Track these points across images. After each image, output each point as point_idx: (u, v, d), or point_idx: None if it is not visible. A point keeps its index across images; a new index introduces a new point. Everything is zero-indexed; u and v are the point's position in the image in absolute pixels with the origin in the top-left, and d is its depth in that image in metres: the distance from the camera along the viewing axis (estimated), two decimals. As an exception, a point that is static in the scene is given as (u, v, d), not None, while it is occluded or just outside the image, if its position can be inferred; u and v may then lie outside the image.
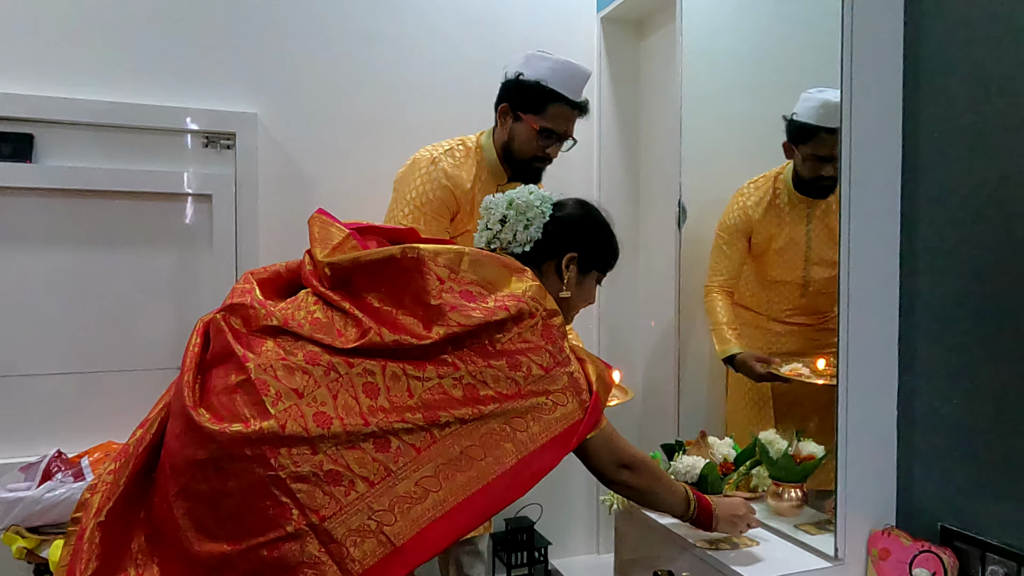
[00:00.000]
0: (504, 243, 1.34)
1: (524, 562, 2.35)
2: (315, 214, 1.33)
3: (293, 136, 2.21)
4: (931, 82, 1.38)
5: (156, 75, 2.07)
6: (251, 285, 1.22)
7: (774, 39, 1.92)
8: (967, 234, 1.32)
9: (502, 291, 1.21)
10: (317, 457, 1.04)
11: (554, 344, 1.20)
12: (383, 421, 1.08)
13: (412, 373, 1.11)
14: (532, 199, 1.34)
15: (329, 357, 1.11)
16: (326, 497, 1.04)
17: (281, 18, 2.18)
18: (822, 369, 1.65)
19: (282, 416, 1.04)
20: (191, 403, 1.09)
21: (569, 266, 1.34)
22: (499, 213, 1.34)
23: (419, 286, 1.16)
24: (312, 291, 1.22)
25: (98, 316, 2.02)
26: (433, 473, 1.09)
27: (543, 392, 1.17)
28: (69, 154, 1.99)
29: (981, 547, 1.27)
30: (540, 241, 1.33)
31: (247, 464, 1.03)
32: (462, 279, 1.19)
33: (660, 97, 2.44)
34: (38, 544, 1.61)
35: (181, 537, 1.06)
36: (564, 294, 1.34)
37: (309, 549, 1.03)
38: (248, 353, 1.11)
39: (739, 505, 1.45)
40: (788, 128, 1.72)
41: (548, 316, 1.21)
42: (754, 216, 1.85)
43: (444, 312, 1.14)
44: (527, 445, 1.15)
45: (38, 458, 1.79)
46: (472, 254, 1.23)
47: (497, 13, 2.40)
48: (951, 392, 1.35)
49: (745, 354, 1.84)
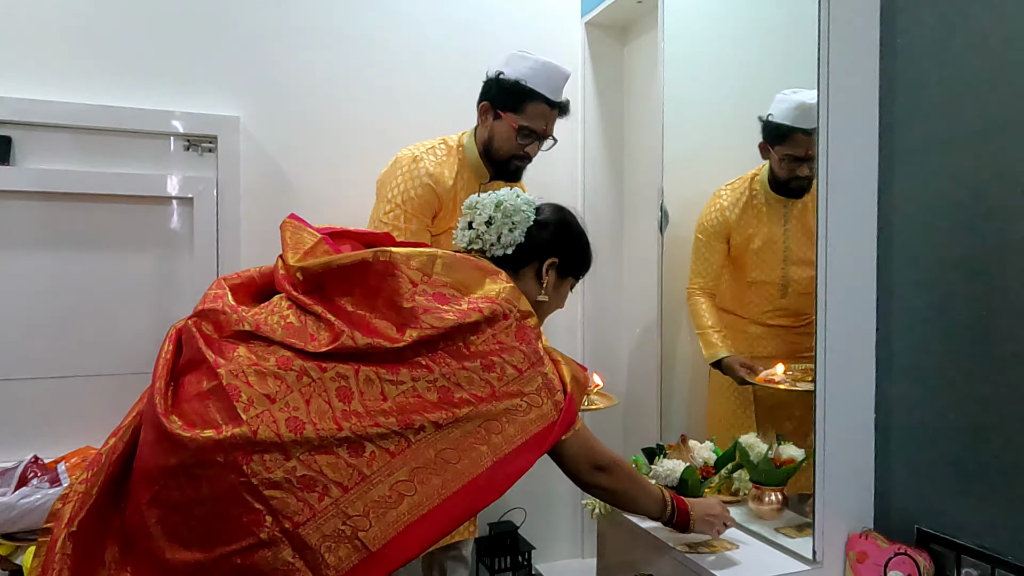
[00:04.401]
0: (487, 244, 1.34)
1: (508, 566, 2.35)
2: (287, 219, 1.32)
3: (275, 139, 2.20)
4: (907, 84, 1.40)
5: (137, 77, 2.05)
6: (223, 291, 1.22)
7: (754, 45, 1.93)
8: (944, 237, 1.34)
9: (475, 293, 1.21)
10: (290, 463, 1.03)
11: (528, 345, 1.20)
12: (356, 426, 1.07)
13: (386, 377, 1.11)
14: (520, 203, 1.34)
15: (302, 362, 1.10)
16: (300, 503, 1.03)
17: (264, 21, 2.18)
18: (783, 374, 1.68)
19: (254, 422, 1.03)
20: (162, 410, 1.08)
21: (549, 271, 1.35)
22: (485, 215, 1.34)
23: (391, 289, 1.16)
24: (285, 296, 1.21)
25: (77, 320, 2.00)
26: (408, 477, 1.08)
27: (518, 394, 1.17)
28: (48, 157, 1.97)
29: (957, 549, 1.29)
30: (522, 245, 1.34)
31: (219, 471, 1.02)
32: (435, 282, 1.19)
33: (643, 102, 2.46)
34: (12, 551, 1.59)
35: (154, 546, 1.05)
36: (542, 298, 1.35)
37: (283, 556, 1.02)
38: (219, 359, 1.10)
39: (714, 505, 1.46)
40: (764, 129, 1.74)
41: (522, 317, 1.21)
42: (731, 217, 1.86)
43: (417, 315, 1.14)
44: (502, 448, 1.14)
45: (14, 463, 1.76)
46: (445, 257, 1.23)
47: (481, 18, 2.40)
48: (928, 396, 1.37)
49: (731, 358, 1.85)
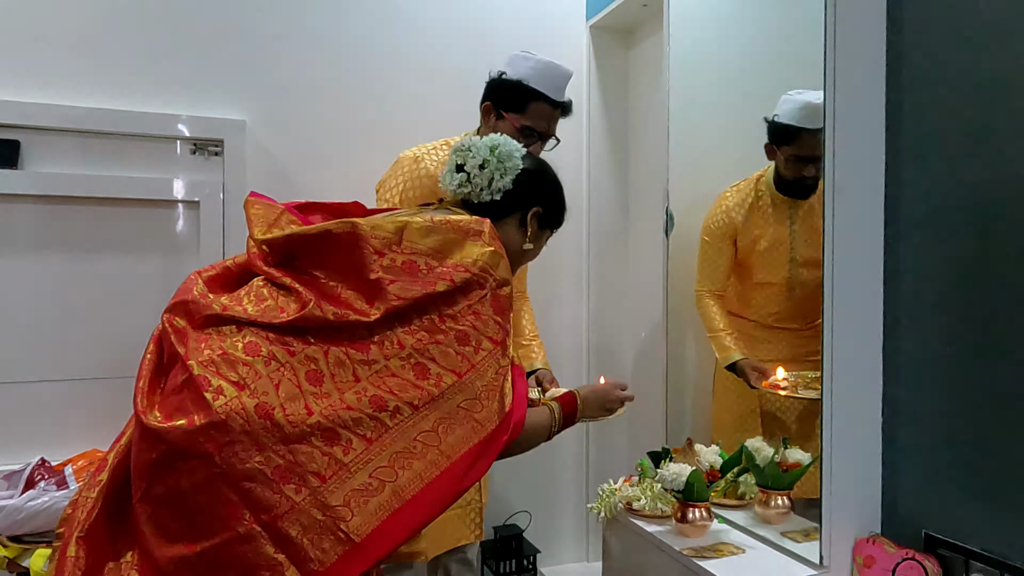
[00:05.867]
0: (476, 189, 1.32)
1: (513, 570, 2.35)
2: (249, 197, 1.29)
3: (281, 143, 2.20)
4: (914, 85, 1.39)
5: (144, 81, 2.06)
6: (193, 282, 1.19)
7: (759, 48, 1.93)
8: (952, 239, 1.33)
9: (452, 259, 1.17)
10: (263, 454, 1.01)
11: (503, 315, 1.17)
12: (328, 410, 1.05)
13: (357, 357, 1.08)
14: (512, 149, 1.34)
15: (269, 346, 1.08)
16: (276, 496, 1.01)
17: (270, 25, 2.19)
18: (783, 379, 1.68)
19: (223, 409, 1.01)
20: (142, 408, 1.08)
21: (532, 220, 1.35)
22: (480, 158, 1.32)
23: (357, 261, 1.13)
24: (260, 275, 1.19)
25: (84, 323, 2.01)
26: (389, 463, 1.05)
27: (495, 366, 1.14)
28: (56, 160, 1.99)
29: (965, 554, 1.28)
30: (509, 192, 1.33)
31: (196, 462, 1.02)
32: (405, 249, 1.15)
33: (648, 105, 2.45)
34: (19, 553, 1.60)
35: (148, 543, 1.05)
36: (527, 246, 1.35)
37: (265, 551, 1.00)
38: (189, 351, 1.08)
39: (604, 386, 1.44)
40: (770, 129, 1.74)
41: (498, 286, 1.18)
42: (737, 218, 1.86)
43: (383, 286, 1.10)
44: (485, 425, 1.12)
45: (21, 466, 1.77)
46: (420, 223, 1.18)
47: (487, 21, 2.41)
48: (935, 399, 1.36)
49: (744, 361, 1.84)
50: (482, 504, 1.97)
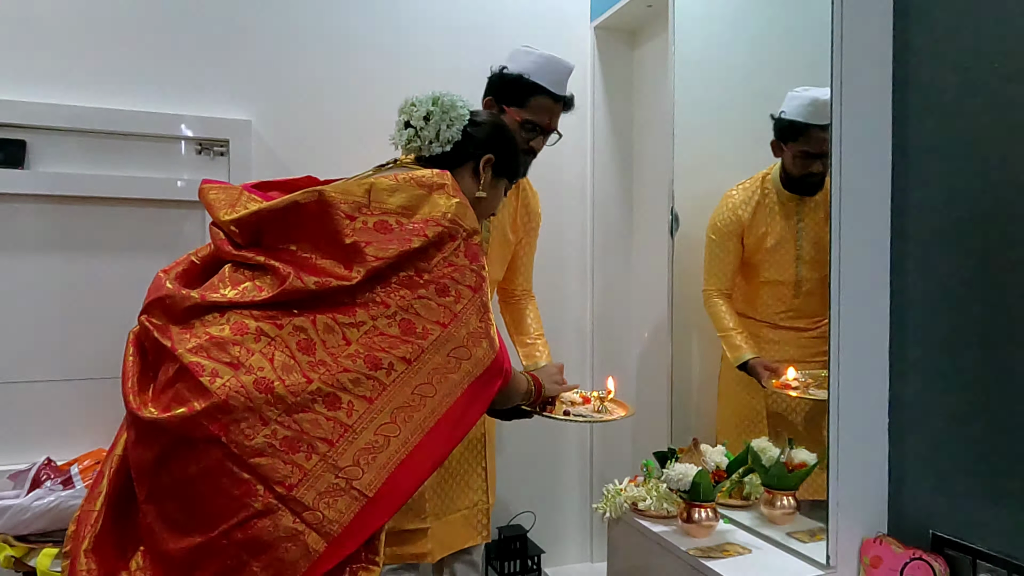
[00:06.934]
0: (425, 142, 1.33)
1: (518, 571, 2.34)
2: (203, 184, 1.29)
3: (287, 143, 2.21)
4: (921, 82, 1.39)
5: (150, 81, 2.07)
6: (160, 279, 1.19)
7: (764, 48, 1.93)
8: (959, 237, 1.32)
9: (420, 213, 1.17)
10: (269, 427, 1.02)
11: (477, 263, 1.19)
12: (326, 376, 1.06)
13: (344, 321, 1.10)
14: (455, 99, 1.36)
15: (256, 323, 1.08)
16: (288, 466, 1.02)
17: (275, 25, 2.19)
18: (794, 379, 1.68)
19: (222, 391, 1.02)
20: (136, 406, 1.07)
21: (486, 168, 1.36)
22: (423, 110, 1.34)
23: (329, 228, 1.13)
24: (229, 261, 1.19)
25: (89, 323, 2.01)
26: (391, 419, 1.08)
27: (478, 313, 1.17)
28: (62, 160, 1.99)
29: (972, 554, 1.27)
30: (459, 143, 1.34)
31: (202, 448, 1.02)
32: (375, 210, 1.15)
33: (653, 105, 2.45)
34: (26, 553, 1.60)
35: (158, 541, 1.05)
36: (480, 194, 1.35)
37: (284, 523, 1.01)
38: (175, 342, 1.08)
39: (553, 372, 1.53)
40: (776, 126, 1.74)
41: (469, 236, 1.19)
42: (743, 216, 1.85)
43: (360, 249, 1.11)
44: (473, 371, 1.15)
45: (27, 466, 1.78)
46: (385, 182, 1.18)
47: (491, 22, 2.41)
48: (942, 399, 1.36)
49: (756, 360, 1.84)
50: (489, 505, 1.97)
